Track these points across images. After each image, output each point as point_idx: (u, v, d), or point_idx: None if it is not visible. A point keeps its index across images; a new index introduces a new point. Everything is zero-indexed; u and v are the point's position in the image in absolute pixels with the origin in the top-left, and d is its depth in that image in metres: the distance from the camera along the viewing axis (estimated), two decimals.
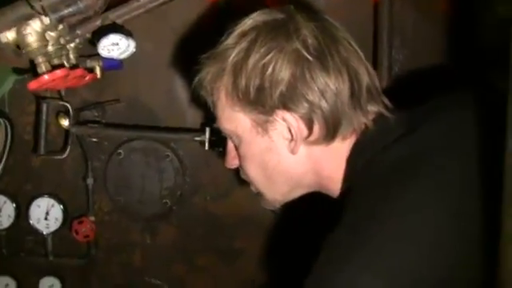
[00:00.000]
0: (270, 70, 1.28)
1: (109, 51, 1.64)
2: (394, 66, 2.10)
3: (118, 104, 2.27)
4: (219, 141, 1.88)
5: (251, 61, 1.30)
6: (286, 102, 1.30)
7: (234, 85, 1.34)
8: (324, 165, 1.39)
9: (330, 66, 1.29)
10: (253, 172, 1.47)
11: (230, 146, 1.53)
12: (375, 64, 2.07)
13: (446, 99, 1.44)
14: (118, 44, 1.63)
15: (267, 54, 1.29)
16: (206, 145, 2.13)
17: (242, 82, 1.32)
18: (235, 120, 1.40)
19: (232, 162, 1.55)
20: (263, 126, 1.36)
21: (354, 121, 1.33)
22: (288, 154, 1.37)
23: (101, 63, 1.96)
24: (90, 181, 2.34)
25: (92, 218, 2.36)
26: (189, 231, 2.44)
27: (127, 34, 1.64)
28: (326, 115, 1.30)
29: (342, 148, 1.36)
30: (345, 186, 1.39)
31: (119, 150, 2.32)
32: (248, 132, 1.39)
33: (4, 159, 2.19)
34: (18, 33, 1.37)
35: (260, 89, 1.30)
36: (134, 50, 1.68)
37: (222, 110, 1.42)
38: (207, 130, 2.13)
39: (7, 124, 2.11)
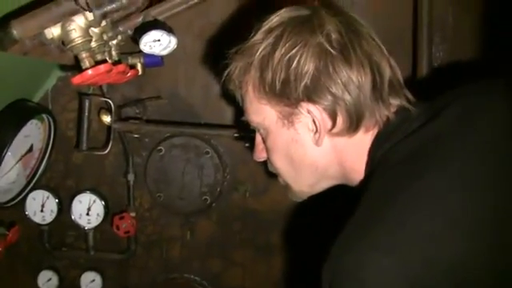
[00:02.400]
0: (294, 63, 1.32)
1: (150, 47, 1.65)
2: (434, 62, 2.09)
3: (158, 101, 2.29)
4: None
5: (277, 55, 1.34)
6: (310, 95, 1.33)
7: (260, 78, 1.38)
8: (348, 156, 1.42)
9: (353, 59, 1.32)
10: (280, 164, 1.51)
11: (258, 139, 1.57)
12: (415, 60, 2.07)
13: (467, 87, 1.44)
14: (159, 40, 1.64)
15: (292, 49, 1.32)
16: (246, 141, 2.14)
17: (269, 76, 1.36)
18: (262, 112, 1.44)
19: (260, 154, 1.58)
20: (289, 119, 1.39)
21: (376, 113, 1.36)
22: (313, 145, 1.40)
23: (142, 60, 1.98)
24: (130, 177, 2.36)
25: (133, 214, 2.39)
26: (227, 227, 2.46)
27: (168, 30, 1.65)
28: (349, 107, 1.33)
29: (364, 139, 1.39)
30: (365, 176, 1.42)
31: (160, 147, 2.34)
32: (274, 124, 1.43)
33: (47, 155, 2.22)
34: (63, 28, 1.39)
35: (285, 82, 1.34)
36: (176, 46, 1.69)
37: (250, 103, 1.46)
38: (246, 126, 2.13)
39: (50, 120, 2.14)
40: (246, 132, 2.12)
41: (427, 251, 1.13)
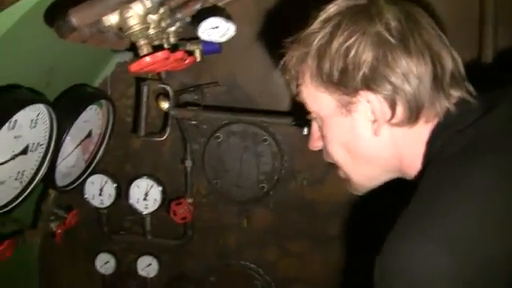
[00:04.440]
0: (352, 52, 1.31)
1: (209, 34, 1.64)
2: (498, 52, 2.02)
3: (216, 87, 2.28)
4: None
5: (335, 44, 1.33)
6: (369, 84, 1.31)
7: (318, 67, 1.37)
8: (406, 148, 1.38)
9: (413, 48, 1.30)
10: (336, 153, 1.48)
11: (314, 127, 1.55)
12: (480, 49, 2.01)
13: None
14: (217, 27, 1.62)
15: (350, 38, 1.31)
16: (305, 130, 2.11)
17: (326, 65, 1.35)
18: (320, 101, 1.42)
19: (315, 143, 1.56)
20: (347, 107, 1.37)
21: (437, 104, 1.33)
22: (371, 135, 1.38)
23: (201, 47, 1.97)
24: (188, 163, 2.37)
25: (190, 200, 2.40)
26: (284, 216, 2.44)
27: (227, 17, 1.63)
28: (409, 98, 1.31)
29: (423, 131, 1.36)
30: (422, 168, 1.38)
31: (218, 134, 2.34)
32: (332, 112, 1.41)
33: (106, 140, 2.24)
34: (121, 16, 1.38)
35: (343, 71, 1.33)
36: (234, 33, 1.67)
37: (307, 92, 1.45)
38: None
39: (109, 106, 2.15)
40: (305, 120, 2.10)
41: (475, 245, 1.11)
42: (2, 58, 1.55)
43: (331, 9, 1.37)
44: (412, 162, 1.39)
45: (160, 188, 2.41)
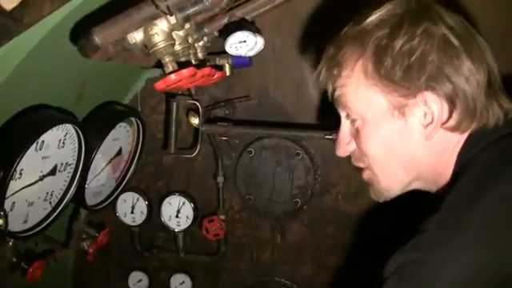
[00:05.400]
0: (418, 52, 1.29)
1: (236, 49, 1.60)
2: None
3: (247, 101, 2.24)
4: None
5: (398, 43, 1.31)
6: (433, 84, 1.30)
7: (377, 65, 1.34)
8: (447, 155, 1.36)
9: (474, 54, 1.31)
10: (375, 156, 1.42)
11: (345, 131, 1.49)
12: None
13: None
14: (245, 41, 1.58)
15: (414, 37, 1.30)
16: None
17: (388, 63, 1.32)
18: (369, 101, 1.38)
19: (347, 148, 1.50)
20: (400, 110, 1.34)
21: (490, 111, 1.33)
22: (420, 139, 1.35)
23: (230, 61, 1.93)
24: (220, 179, 2.33)
25: (222, 217, 2.36)
26: (319, 231, 2.39)
27: (255, 30, 1.59)
28: (468, 100, 1.30)
29: (461, 139, 1.35)
30: (449, 180, 1.37)
31: (249, 148, 2.30)
32: (381, 114, 1.36)
33: (136, 158, 2.21)
34: (145, 33, 1.35)
35: (407, 69, 1.30)
36: (262, 46, 1.63)
37: (355, 90, 1.40)
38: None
39: (139, 123, 2.12)
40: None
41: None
42: (28, 78, 1.54)
43: (388, 7, 1.36)
44: (445, 173, 1.37)
45: (192, 205, 2.37)
